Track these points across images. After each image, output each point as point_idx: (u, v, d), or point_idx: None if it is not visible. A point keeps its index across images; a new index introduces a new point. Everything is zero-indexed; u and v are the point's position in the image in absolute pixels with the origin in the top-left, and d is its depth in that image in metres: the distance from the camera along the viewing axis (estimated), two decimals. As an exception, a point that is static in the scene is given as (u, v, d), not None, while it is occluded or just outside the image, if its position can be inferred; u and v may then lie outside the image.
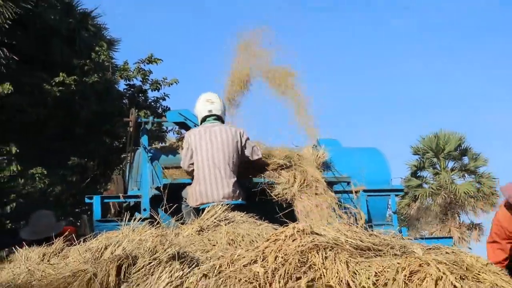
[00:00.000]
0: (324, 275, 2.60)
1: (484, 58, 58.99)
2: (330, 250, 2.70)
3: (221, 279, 2.60)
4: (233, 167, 4.94)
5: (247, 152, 5.12)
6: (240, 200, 4.86)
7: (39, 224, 5.19)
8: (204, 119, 5.21)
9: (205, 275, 2.64)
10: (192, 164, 4.98)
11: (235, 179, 4.92)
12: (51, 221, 5.30)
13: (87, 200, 5.83)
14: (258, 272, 2.62)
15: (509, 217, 4.29)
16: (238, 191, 4.90)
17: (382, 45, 61.71)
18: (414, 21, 60.16)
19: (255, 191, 5.16)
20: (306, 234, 2.82)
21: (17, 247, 4.03)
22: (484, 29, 58.72)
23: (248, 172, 5.28)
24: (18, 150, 11.16)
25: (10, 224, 11.33)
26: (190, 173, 5.06)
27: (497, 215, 4.56)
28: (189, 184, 5.09)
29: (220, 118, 5.23)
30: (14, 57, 12.71)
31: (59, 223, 5.43)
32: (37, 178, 11.23)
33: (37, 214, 5.52)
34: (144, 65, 14.58)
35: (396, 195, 6.21)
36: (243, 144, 5.08)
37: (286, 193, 5.16)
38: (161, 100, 14.99)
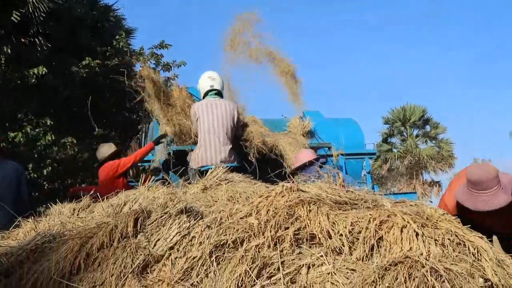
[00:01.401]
0: (308, 225, 2.60)
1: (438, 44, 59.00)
2: (313, 204, 2.70)
3: (222, 229, 2.60)
4: (229, 136, 4.90)
5: (239, 127, 5.15)
6: (235, 163, 4.84)
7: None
8: (206, 93, 5.15)
9: (208, 226, 2.64)
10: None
11: (231, 146, 4.89)
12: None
13: (110, 163, 5.80)
14: (253, 223, 2.62)
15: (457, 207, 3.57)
16: (233, 156, 4.88)
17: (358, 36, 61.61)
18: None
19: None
20: (293, 191, 2.81)
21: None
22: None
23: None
24: (52, 123, 11.15)
25: (47, 185, 11.33)
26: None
27: (445, 199, 3.77)
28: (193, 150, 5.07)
29: (219, 93, 5.17)
30: (48, 44, 12.70)
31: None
32: (68, 146, 11.23)
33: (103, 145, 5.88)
34: (157, 50, 14.52)
35: (370, 158, 6.20)
36: (237, 120, 5.06)
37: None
38: (171, 79, 14.92)
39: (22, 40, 12.67)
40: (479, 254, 2.38)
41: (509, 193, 3.28)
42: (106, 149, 5.73)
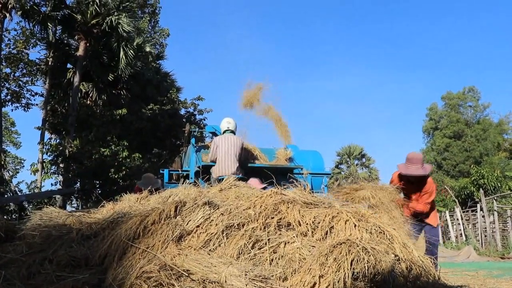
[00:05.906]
0: (286, 216, 2.57)
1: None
2: (290, 203, 2.67)
3: (230, 216, 2.57)
4: (237, 157, 4.87)
5: (243, 153, 5.10)
6: (240, 175, 4.78)
7: (148, 181, 5.00)
8: (224, 131, 5.17)
9: (222, 214, 2.60)
10: (216, 157, 4.91)
11: (238, 164, 4.85)
12: (155, 180, 5.17)
13: (161, 171, 5.77)
14: (251, 213, 2.59)
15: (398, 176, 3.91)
16: (239, 170, 4.82)
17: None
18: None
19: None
20: (277, 194, 2.79)
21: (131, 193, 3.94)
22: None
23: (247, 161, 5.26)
24: (127, 144, 11.15)
25: (122, 183, 11.24)
26: (214, 160, 4.95)
27: (393, 175, 3.99)
28: (214, 165, 5.04)
29: (233, 131, 5.17)
30: (128, 95, 12.86)
31: (157, 180, 5.25)
32: (136, 158, 11.19)
33: (147, 175, 5.28)
34: (195, 101, 14.71)
35: (327, 177, 6.14)
36: (242, 148, 5.03)
37: None
38: (203, 120, 15.04)
39: (113, 91, 12.86)
40: (392, 239, 2.35)
41: (426, 171, 3.77)
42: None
